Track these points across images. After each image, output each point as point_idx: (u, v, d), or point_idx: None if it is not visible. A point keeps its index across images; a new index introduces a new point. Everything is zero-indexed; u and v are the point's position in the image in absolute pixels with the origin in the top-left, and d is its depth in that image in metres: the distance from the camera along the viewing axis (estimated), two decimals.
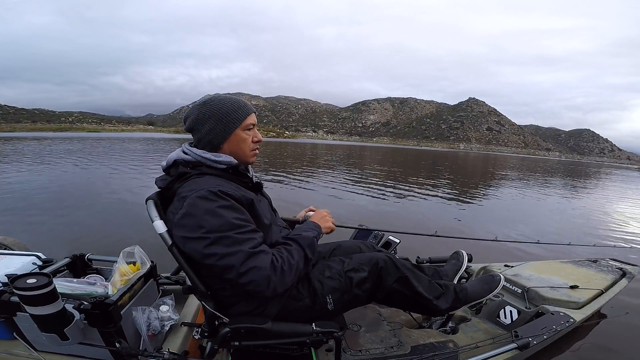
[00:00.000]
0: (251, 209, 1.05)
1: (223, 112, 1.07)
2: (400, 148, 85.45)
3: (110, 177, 8.18)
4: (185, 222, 0.95)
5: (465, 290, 1.40)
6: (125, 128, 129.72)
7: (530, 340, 1.39)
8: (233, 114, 1.07)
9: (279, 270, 0.96)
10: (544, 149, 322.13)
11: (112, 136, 43.88)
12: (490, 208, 7.34)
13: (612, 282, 2.06)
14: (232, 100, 1.10)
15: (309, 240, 1.12)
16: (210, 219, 0.93)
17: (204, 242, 0.92)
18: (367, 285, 1.20)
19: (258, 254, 0.94)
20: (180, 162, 1.07)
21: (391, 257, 1.27)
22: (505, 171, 20.34)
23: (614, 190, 13.36)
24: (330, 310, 1.15)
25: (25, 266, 1.39)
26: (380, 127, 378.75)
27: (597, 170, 36.89)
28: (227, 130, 1.08)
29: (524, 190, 10.98)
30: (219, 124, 1.07)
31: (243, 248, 0.93)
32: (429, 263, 2.02)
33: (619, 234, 5.39)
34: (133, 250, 1.36)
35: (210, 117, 1.07)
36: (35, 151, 15.10)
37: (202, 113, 1.08)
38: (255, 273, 0.92)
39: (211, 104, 1.08)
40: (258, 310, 1.08)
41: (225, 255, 0.92)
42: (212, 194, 0.96)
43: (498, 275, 1.51)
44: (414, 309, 1.37)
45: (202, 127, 1.08)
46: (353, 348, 1.44)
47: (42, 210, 4.76)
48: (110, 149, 17.90)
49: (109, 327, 1.09)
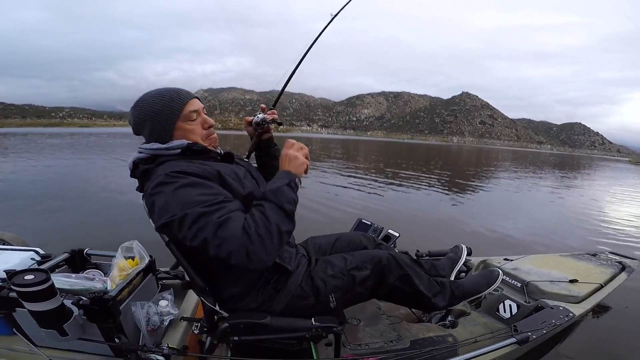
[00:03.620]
0: (221, 181, 0.99)
1: (155, 111, 1.00)
2: (394, 142, 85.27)
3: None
4: (153, 211, 0.92)
5: (461, 286, 1.41)
6: (117, 123, 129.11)
7: (529, 335, 1.40)
8: (166, 110, 1.01)
9: (255, 237, 0.86)
10: (536, 142, 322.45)
11: (103, 131, 43.60)
12: (489, 201, 7.34)
13: (612, 276, 2.07)
14: (162, 94, 1.02)
15: (280, 192, 0.97)
16: (172, 201, 0.89)
17: (174, 226, 0.89)
18: (369, 283, 1.19)
19: (226, 222, 0.87)
20: (139, 161, 1.03)
21: (394, 254, 1.27)
22: (501, 164, 20.33)
23: (611, 182, 13.38)
24: (332, 308, 1.15)
25: (23, 261, 1.38)
26: (374, 120, 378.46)
27: (590, 163, 37.05)
28: (167, 127, 1.02)
29: (522, 183, 10.98)
30: (156, 124, 1.01)
31: (211, 219, 0.87)
32: (429, 256, 2.01)
33: (617, 227, 5.40)
34: (132, 245, 1.36)
35: (145, 120, 1.02)
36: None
37: (136, 117, 1.03)
38: (229, 243, 0.85)
39: (141, 105, 1.02)
40: (264, 307, 1.08)
41: (197, 232, 0.87)
42: (168, 176, 0.92)
43: (497, 270, 1.51)
44: (413, 306, 1.39)
45: (143, 131, 1.04)
46: (352, 342, 1.44)
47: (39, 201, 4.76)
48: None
49: (108, 323, 1.08)
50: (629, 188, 11.70)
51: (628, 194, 10.02)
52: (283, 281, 1.11)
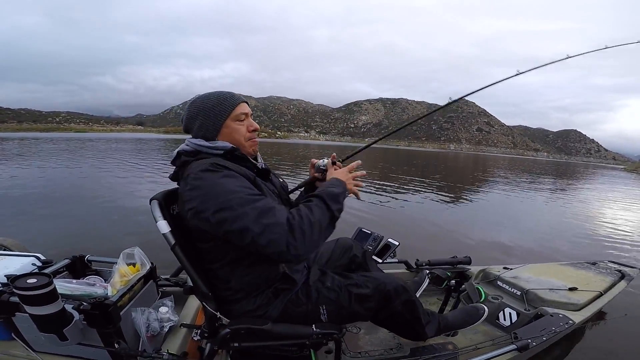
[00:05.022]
0: (255, 186, 1.02)
1: (209, 107, 1.08)
2: (391, 148, 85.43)
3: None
4: (192, 195, 0.94)
5: (445, 319, 1.43)
6: (114, 128, 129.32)
7: (529, 342, 1.40)
8: (219, 107, 1.08)
9: (297, 229, 0.88)
10: (533, 149, 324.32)
11: (102, 137, 43.70)
12: (487, 209, 7.35)
13: (611, 284, 2.07)
14: (218, 94, 1.10)
15: (332, 194, 1.01)
16: (216, 187, 0.92)
17: (213, 209, 0.89)
18: (371, 304, 1.18)
19: (271, 210, 0.89)
20: (182, 152, 1.10)
21: (400, 282, 1.26)
22: (499, 172, 20.43)
23: (610, 189, 13.42)
24: (323, 321, 1.12)
25: (24, 267, 1.39)
26: (372, 127, 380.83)
27: (586, 170, 37.27)
28: (216, 123, 1.08)
29: (521, 191, 11.00)
30: (207, 119, 1.08)
31: (255, 205, 0.89)
32: (429, 265, 2.02)
33: (618, 236, 5.40)
34: (133, 252, 1.37)
35: (198, 114, 1.09)
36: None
37: (191, 112, 1.10)
38: (271, 231, 0.86)
39: (198, 101, 1.10)
40: (260, 311, 1.07)
41: (237, 218, 0.87)
42: (213, 165, 0.96)
43: (483, 308, 1.51)
44: (406, 333, 1.34)
45: (194, 125, 1.10)
46: (352, 350, 1.44)
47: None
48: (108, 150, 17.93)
49: (108, 328, 1.09)
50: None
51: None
52: (284, 289, 1.11)
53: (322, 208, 0.97)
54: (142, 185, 7.54)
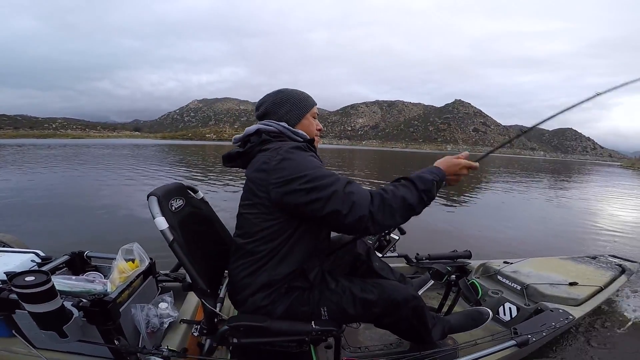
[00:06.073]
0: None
1: (297, 98, 1.20)
2: (388, 151, 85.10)
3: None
4: (284, 166, 1.00)
5: (449, 323, 1.42)
6: (110, 134, 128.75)
7: (529, 337, 1.40)
8: (305, 101, 1.21)
9: (378, 198, 0.95)
10: (529, 148, 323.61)
11: (98, 142, 43.64)
12: (488, 206, 7.34)
13: (612, 278, 2.07)
14: (301, 91, 1.24)
15: (422, 178, 1.03)
16: (306, 161, 1.00)
17: (305, 179, 0.96)
18: (376, 310, 1.17)
19: (355, 184, 0.97)
20: (264, 131, 1.14)
21: (411, 292, 1.25)
22: (497, 171, 20.36)
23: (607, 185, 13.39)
24: (324, 321, 1.12)
25: (24, 263, 1.38)
26: (369, 130, 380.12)
27: (584, 168, 37.14)
28: (301, 113, 1.20)
29: (523, 188, 10.98)
30: (295, 107, 1.19)
31: (341, 177, 0.98)
32: (429, 259, 2.01)
33: (617, 230, 5.40)
34: (132, 248, 1.36)
35: (287, 101, 1.19)
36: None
37: (279, 98, 1.20)
38: (355, 196, 0.93)
39: (286, 91, 1.22)
40: (268, 308, 1.06)
41: (326, 185, 0.94)
42: (304, 144, 1.08)
43: (487, 312, 1.48)
44: (411, 336, 1.35)
45: (280, 109, 1.18)
46: (352, 345, 1.44)
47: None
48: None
49: (107, 325, 1.08)
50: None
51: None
52: (296, 287, 1.10)
53: (408, 187, 1.01)
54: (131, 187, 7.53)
